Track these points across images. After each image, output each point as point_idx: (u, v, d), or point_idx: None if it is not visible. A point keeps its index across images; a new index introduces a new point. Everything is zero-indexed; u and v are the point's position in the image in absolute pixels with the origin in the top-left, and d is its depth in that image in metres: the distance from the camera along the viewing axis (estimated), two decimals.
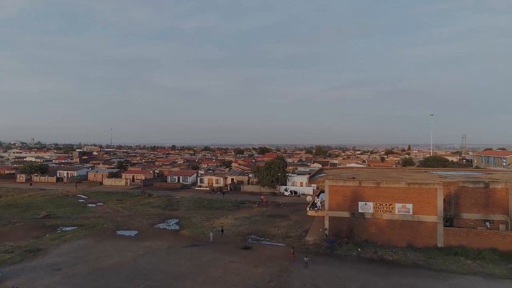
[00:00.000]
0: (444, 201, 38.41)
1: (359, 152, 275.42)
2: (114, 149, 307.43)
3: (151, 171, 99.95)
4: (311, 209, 42.10)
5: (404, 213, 38.61)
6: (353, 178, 42.38)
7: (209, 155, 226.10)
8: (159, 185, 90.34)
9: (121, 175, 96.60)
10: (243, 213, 56.59)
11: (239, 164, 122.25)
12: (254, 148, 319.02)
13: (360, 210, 39.88)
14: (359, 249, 37.07)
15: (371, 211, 39.56)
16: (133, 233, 44.50)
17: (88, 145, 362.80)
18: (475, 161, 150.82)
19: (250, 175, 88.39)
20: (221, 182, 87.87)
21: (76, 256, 34.74)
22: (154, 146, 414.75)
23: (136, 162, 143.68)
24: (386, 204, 39.16)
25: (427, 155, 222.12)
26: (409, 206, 38.51)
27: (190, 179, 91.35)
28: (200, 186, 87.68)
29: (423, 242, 37.97)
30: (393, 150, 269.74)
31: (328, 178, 42.11)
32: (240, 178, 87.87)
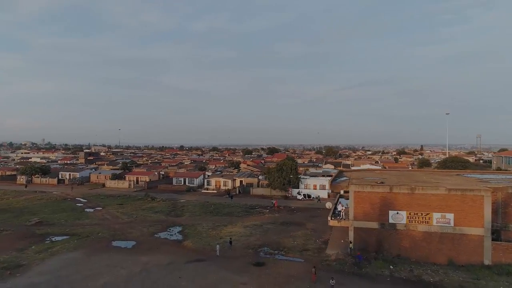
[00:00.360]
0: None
1: (370, 152, 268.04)
2: (122, 150, 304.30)
3: (156, 173, 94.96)
4: (333, 218, 36.40)
5: (443, 224, 32.71)
6: (382, 183, 36.58)
7: (217, 155, 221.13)
8: (164, 187, 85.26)
9: (125, 177, 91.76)
10: (254, 220, 51.03)
11: (248, 165, 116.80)
12: (262, 149, 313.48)
13: (391, 221, 34.07)
14: (391, 267, 31.28)
15: (404, 221, 33.72)
16: (130, 244, 39.21)
17: (97, 145, 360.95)
18: (494, 162, 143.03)
19: (260, 177, 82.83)
20: (229, 185, 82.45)
21: (60, 275, 29.48)
22: (162, 146, 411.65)
23: (141, 163, 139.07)
24: (422, 214, 33.29)
25: (441, 155, 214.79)
26: (450, 216, 32.59)
27: (196, 181, 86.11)
28: (207, 189, 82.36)
29: (466, 258, 32.06)
30: (405, 151, 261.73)
31: (352, 182, 36.37)
32: (249, 180, 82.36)
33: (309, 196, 70.33)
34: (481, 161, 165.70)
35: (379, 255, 33.96)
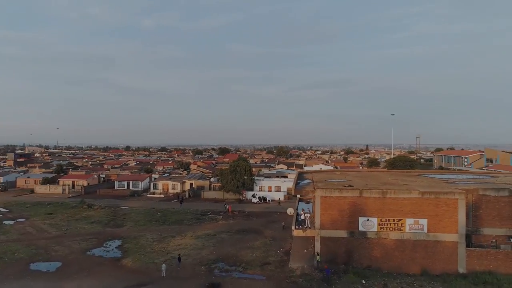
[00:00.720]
0: None
1: (319, 152, 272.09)
2: (60, 151, 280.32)
3: (95, 176, 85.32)
4: (297, 227, 32.13)
5: (416, 231, 29.77)
6: (350, 186, 33.00)
7: (166, 156, 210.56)
8: (105, 192, 76.41)
9: (58, 181, 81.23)
10: (206, 229, 45.48)
11: (199, 166, 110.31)
12: (213, 149, 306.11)
13: (361, 228, 30.52)
14: (363, 281, 27.65)
15: (375, 229, 30.33)
16: (54, 266, 31.94)
17: (32, 146, 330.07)
18: (435, 161, 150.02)
19: (212, 179, 77.18)
20: (178, 188, 75.82)
21: None
22: (107, 147, 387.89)
23: (81, 164, 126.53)
24: (394, 220, 30.10)
25: (385, 155, 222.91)
26: (423, 221, 29.72)
27: (142, 185, 78.28)
28: (154, 193, 75.01)
29: (441, 267, 29.37)
30: (352, 150, 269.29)
31: (318, 186, 32.36)
32: (201, 182, 76.35)
33: (264, 199, 66.09)
34: (422, 160, 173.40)
35: (349, 267, 30.26)
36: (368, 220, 30.41)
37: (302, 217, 33.21)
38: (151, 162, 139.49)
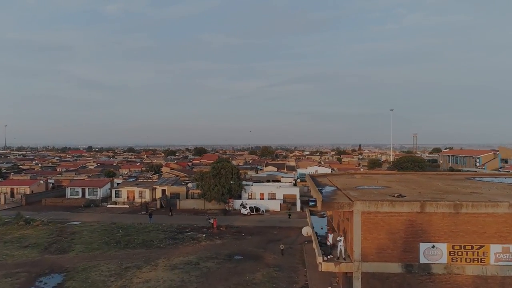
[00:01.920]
0: None
1: (307, 152, 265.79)
2: (9, 151, 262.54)
3: (42, 181, 74.29)
4: (327, 258, 23.54)
5: (506, 263, 21.75)
6: (400, 195, 24.72)
7: (133, 157, 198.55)
8: (52, 202, 65.80)
9: None
10: (185, 254, 36.38)
11: (172, 168, 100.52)
12: (188, 149, 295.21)
13: (423, 260, 22.23)
14: None
15: (445, 260, 22.10)
16: None
17: None
18: (441, 162, 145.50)
19: (190, 185, 67.79)
20: (147, 196, 66.10)
21: None
22: (66, 147, 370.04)
23: (28, 167, 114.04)
24: (472, 247, 21.96)
25: (379, 155, 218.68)
26: None
27: (101, 192, 68.03)
28: (116, 202, 65.02)
29: None
30: (344, 150, 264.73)
31: (356, 198, 23.84)
32: (176, 189, 66.89)
33: (257, 209, 57.37)
34: (425, 160, 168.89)
35: None
36: (433, 247, 22.15)
37: (330, 241, 24.60)
38: (114, 164, 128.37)
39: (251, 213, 56.40)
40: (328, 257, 23.76)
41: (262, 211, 57.63)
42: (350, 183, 33.24)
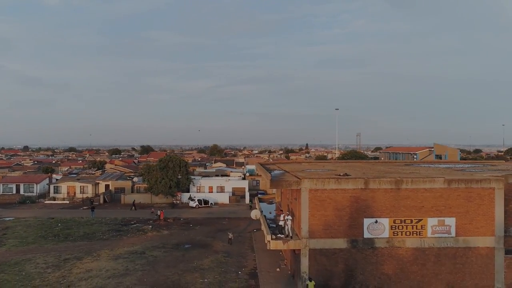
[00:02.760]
0: None
1: (256, 152, 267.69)
2: None
3: None
4: (275, 237, 23.56)
5: (442, 235, 23.14)
6: (346, 174, 25.44)
7: (74, 156, 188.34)
8: None
9: None
10: (130, 244, 34.94)
11: (117, 165, 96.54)
12: (134, 149, 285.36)
13: (367, 234, 23.03)
14: None
15: (386, 234, 23.07)
16: None
17: None
18: (382, 158, 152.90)
19: (136, 179, 65.45)
20: (90, 191, 62.81)
21: None
22: None
23: None
24: (412, 221, 23.12)
25: (326, 154, 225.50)
26: (450, 221, 23.18)
27: (37, 188, 63.58)
28: (55, 198, 61.13)
29: (472, 284, 23.10)
30: (292, 149, 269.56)
31: (304, 176, 24.16)
32: (120, 183, 64.25)
33: (205, 202, 56.56)
34: (368, 156, 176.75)
35: None
36: (376, 222, 23.01)
37: (281, 221, 24.72)
38: (54, 162, 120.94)
39: (200, 205, 55.51)
40: (276, 235, 23.84)
41: (211, 203, 56.97)
42: (298, 168, 33.79)
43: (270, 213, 33.13)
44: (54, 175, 71.97)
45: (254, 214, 30.49)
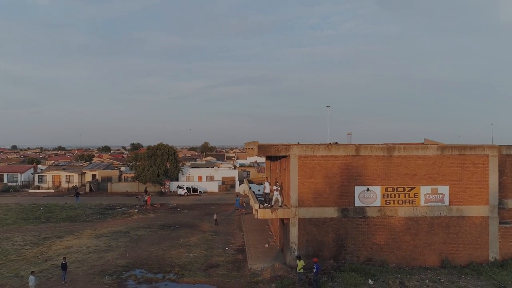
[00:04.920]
0: None
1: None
2: None
3: None
4: (263, 206, 22.57)
5: (435, 203, 22.38)
6: (336, 143, 24.58)
7: (63, 153, 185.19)
8: None
9: None
10: (115, 225, 33.71)
11: (105, 158, 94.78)
12: (124, 148, 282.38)
13: (358, 203, 22.17)
14: (370, 281, 19.27)
15: (378, 203, 22.23)
16: None
17: None
18: None
19: (123, 169, 64.06)
20: (76, 180, 61.20)
21: None
22: None
23: None
24: (404, 189, 22.32)
25: None
26: (444, 189, 22.45)
27: (21, 177, 61.76)
28: (40, 187, 59.37)
29: (466, 254, 22.38)
30: None
31: (294, 143, 23.23)
32: (108, 173, 62.81)
33: (194, 190, 55.39)
34: None
35: (341, 262, 21.75)
36: (368, 190, 22.16)
37: (267, 189, 23.63)
38: (41, 156, 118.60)
39: (188, 193, 54.30)
40: (265, 204, 22.86)
41: (200, 191, 55.81)
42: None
43: (259, 190, 32.17)
44: (40, 166, 70.19)
45: (243, 188, 29.50)
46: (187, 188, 54.85)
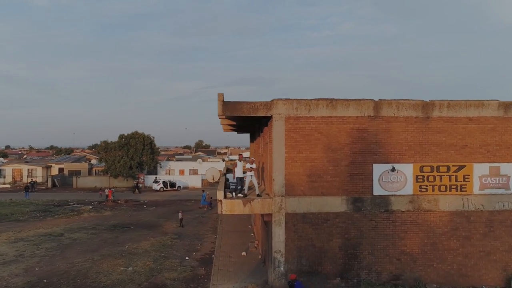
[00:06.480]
0: None
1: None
2: None
3: None
4: (231, 195, 14.76)
5: (495, 191, 14.53)
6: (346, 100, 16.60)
7: (50, 152, 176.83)
8: None
9: None
10: (51, 226, 25.81)
11: (86, 153, 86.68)
12: None
13: (378, 190, 14.24)
14: None
15: (410, 189, 14.32)
16: None
17: None
18: None
19: (94, 162, 56.06)
20: (39, 174, 53.17)
21: None
22: None
23: None
24: (448, 169, 14.41)
25: None
26: (509, 169, 14.58)
27: None
28: None
29: None
30: None
31: (280, 100, 15.23)
32: (76, 166, 54.88)
33: (172, 185, 47.52)
34: None
35: (352, 281, 13.89)
36: (393, 170, 14.27)
37: (239, 171, 15.63)
38: (19, 152, 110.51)
39: (165, 188, 46.39)
40: (234, 193, 14.96)
41: (179, 186, 47.94)
42: None
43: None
44: (0, 159, 62.11)
45: (211, 174, 21.68)
46: (163, 182, 46.92)
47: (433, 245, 14.28)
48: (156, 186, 46.53)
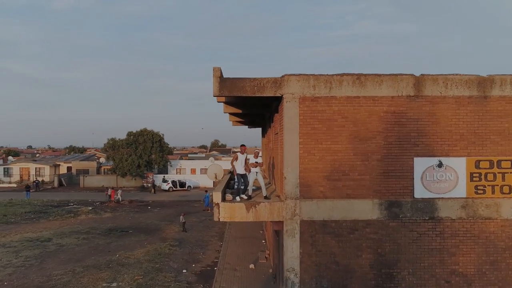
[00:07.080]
0: None
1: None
2: None
3: None
4: (232, 197, 11.82)
5: None
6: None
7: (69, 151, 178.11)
8: None
9: None
10: (41, 229, 23.48)
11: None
12: None
13: (420, 192, 10.96)
14: None
15: (463, 191, 10.99)
16: None
17: None
18: None
19: (103, 160, 54.05)
20: (47, 173, 51.46)
21: None
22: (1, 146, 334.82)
23: None
24: None
25: None
26: None
27: None
28: (2, 182, 49.84)
29: None
30: None
31: (292, 75, 12.13)
32: (84, 165, 53.09)
33: (182, 184, 44.98)
34: None
35: None
36: (440, 166, 10.99)
37: (240, 167, 12.58)
38: (35, 152, 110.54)
39: (174, 188, 43.88)
40: (240, 196, 11.94)
41: (189, 186, 45.33)
42: None
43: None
44: (10, 158, 60.84)
45: (213, 171, 18.66)
46: (172, 182, 44.38)
47: (494, 263, 10.95)
48: (165, 186, 44.07)
